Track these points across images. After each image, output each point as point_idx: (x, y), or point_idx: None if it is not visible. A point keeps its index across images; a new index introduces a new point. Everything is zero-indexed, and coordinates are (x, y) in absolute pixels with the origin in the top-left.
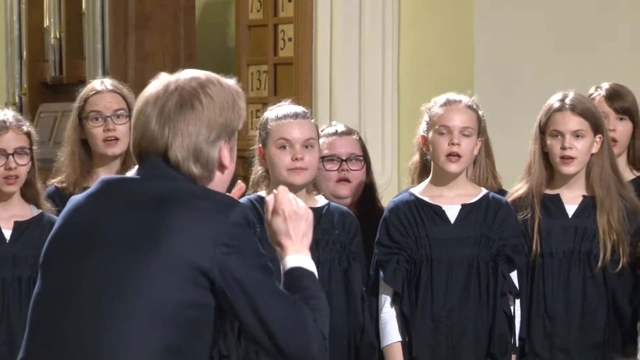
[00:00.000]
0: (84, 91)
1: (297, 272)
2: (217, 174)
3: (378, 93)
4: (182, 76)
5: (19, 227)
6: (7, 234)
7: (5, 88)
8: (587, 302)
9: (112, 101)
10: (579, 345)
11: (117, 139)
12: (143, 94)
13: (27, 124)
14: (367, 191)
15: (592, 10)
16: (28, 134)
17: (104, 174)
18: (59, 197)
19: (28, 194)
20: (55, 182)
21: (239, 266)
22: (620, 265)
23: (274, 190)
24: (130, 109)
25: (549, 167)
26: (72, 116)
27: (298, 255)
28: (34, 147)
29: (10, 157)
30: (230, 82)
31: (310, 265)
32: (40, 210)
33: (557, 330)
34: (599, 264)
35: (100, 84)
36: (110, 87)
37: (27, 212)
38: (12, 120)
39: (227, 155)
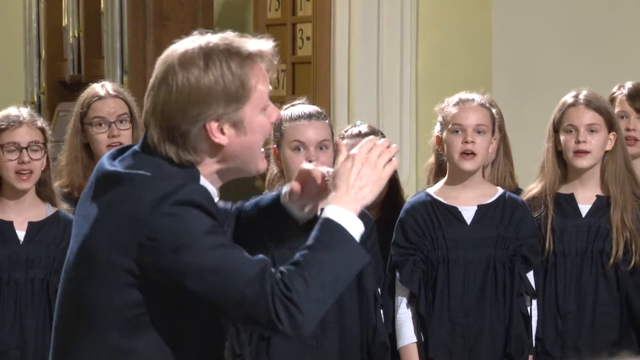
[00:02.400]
0: (85, 96)
1: (323, 225)
2: (213, 152)
3: (396, 92)
4: (188, 41)
5: (32, 227)
6: (21, 235)
7: (24, 87)
8: (599, 301)
9: (115, 107)
10: (591, 344)
11: (121, 144)
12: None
13: (42, 120)
14: (392, 193)
15: (611, 8)
16: (42, 130)
17: None
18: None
19: (43, 193)
20: (58, 186)
21: (166, 257)
22: (632, 264)
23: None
24: (132, 114)
25: (563, 166)
26: (72, 121)
27: (338, 208)
28: (48, 145)
29: (24, 150)
30: (248, 43)
31: (344, 219)
32: (56, 209)
33: (568, 329)
34: (611, 260)
35: (102, 88)
36: (112, 93)
37: (42, 211)
38: (25, 116)
39: (217, 132)
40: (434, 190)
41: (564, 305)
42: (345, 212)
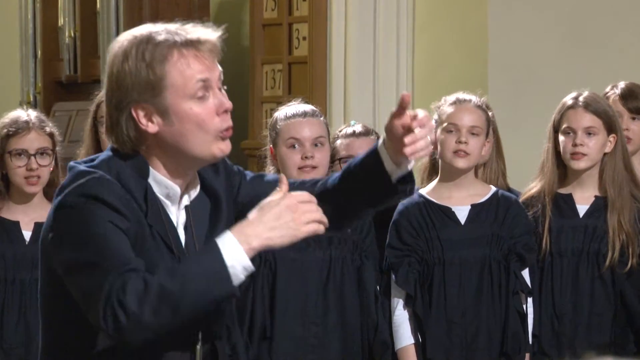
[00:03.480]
0: (99, 95)
1: (207, 244)
2: (150, 138)
3: (392, 92)
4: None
5: (39, 228)
6: (27, 235)
7: (20, 87)
8: (594, 302)
9: None
10: (586, 344)
11: None
12: None
13: (51, 124)
14: None
15: (606, 8)
16: (51, 135)
17: None
18: None
19: (50, 193)
20: None
21: (58, 249)
22: (629, 266)
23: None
24: None
25: (562, 166)
26: (88, 120)
27: (232, 237)
28: (57, 148)
29: (32, 157)
30: (174, 30)
31: (229, 247)
32: None
33: (564, 330)
34: (607, 262)
35: None
36: None
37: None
38: (35, 121)
39: (144, 119)
40: (426, 190)
41: (560, 306)
42: (235, 243)
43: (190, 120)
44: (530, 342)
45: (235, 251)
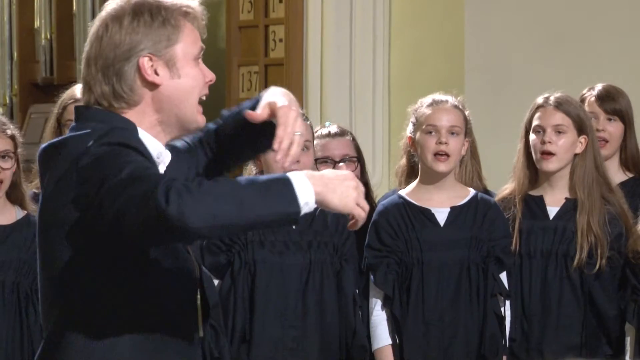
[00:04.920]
0: (64, 97)
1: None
2: (148, 93)
3: (369, 94)
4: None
5: (2, 231)
6: None
7: None
8: (563, 304)
9: None
10: (555, 346)
11: None
12: None
13: (12, 127)
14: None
15: (583, 11)
16: (12, 137)
17: None
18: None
19: (13, 195)
20: (33, 187)
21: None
22: (597, 267)
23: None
24: None
25: (533, 167)
26: (51, 121)
27: (302, 175)
28: (19, 150)
29: None
30: (179, 1)
31: (300, 180)
32: (25, 212)
33: (533, 331)
34: (574, 263)
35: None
36: None
37: (12, 214)
38: None
39: (150, 70)
40: (406, 192)
41: (529, 307)
42: (305, 180)
43: (195, 81)
44: (508, 344)
45: (304, 185)
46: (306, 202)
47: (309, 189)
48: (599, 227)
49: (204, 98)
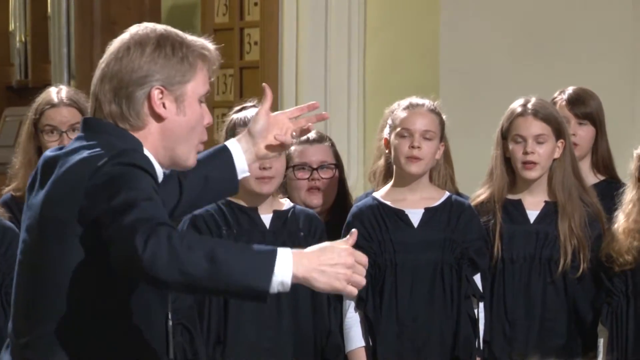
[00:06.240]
0: (40, 102)
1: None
2: (153, 123)
3: (344, 97)
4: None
5: None
6: None
7: None
8: (547, 308)
9: (68, 116)
10: (539, 350)
11: None
12: None
13: None
14: (340, 197)
15: (557, 15)
16: None
17: None
18: (15, 205)
19: None
20: (10, 189)
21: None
22: (580, 271)
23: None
24: None
25: (511, 172)
26: (27, 125)
27: (289, 255)
28: None
29: None
30: (200, 42)
31: (284, 259)
32: None
33: (516, 336)
34: (560, 269)
35: (57, 94)
36: (66, 101)
37: None
38: None
39: (158, 102)
40: (380, 194)
41: (512, 312)
42: (289, 261)
43: (197, 121)
44: (481, 347)
45: (286, 266)
46: (281, 281)
47: (288, 269)
48: (580, 230)
49: (201, 146)
